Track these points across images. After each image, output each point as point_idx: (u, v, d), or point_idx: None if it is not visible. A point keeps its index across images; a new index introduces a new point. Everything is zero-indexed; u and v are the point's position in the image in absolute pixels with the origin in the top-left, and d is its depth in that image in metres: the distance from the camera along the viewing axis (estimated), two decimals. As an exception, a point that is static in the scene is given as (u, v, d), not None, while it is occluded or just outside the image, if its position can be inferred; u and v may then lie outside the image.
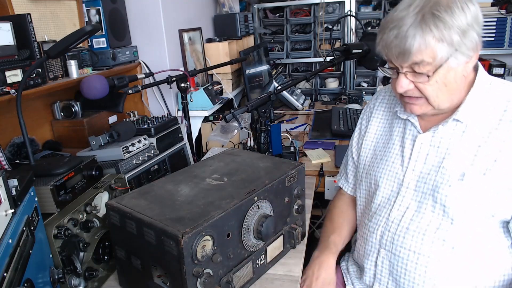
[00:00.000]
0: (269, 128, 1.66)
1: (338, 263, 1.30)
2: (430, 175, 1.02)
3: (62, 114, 1.60)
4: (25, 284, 0.77)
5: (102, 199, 1.13)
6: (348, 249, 1.32)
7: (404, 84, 0.95)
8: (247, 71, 2.38)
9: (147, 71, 1.93)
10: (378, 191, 1.12)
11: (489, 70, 2.89)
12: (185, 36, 2.25)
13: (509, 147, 0.93)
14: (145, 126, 1.56)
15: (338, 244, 1.22)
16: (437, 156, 1.02)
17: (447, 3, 0.88)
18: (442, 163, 1.00)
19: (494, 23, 2.84)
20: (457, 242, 0.99)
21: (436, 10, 0.87)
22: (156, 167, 1.54)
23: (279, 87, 1.70)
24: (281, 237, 1.12)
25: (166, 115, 1.69)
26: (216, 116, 2.22)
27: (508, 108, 0.96)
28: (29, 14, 1.30)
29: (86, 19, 1.73)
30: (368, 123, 1.24)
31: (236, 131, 1.81)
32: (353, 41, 3.12)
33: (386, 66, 1.00)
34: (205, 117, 2.19)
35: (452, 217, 0.97)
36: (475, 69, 1.01)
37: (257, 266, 1.04)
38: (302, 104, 2.79)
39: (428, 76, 0.92)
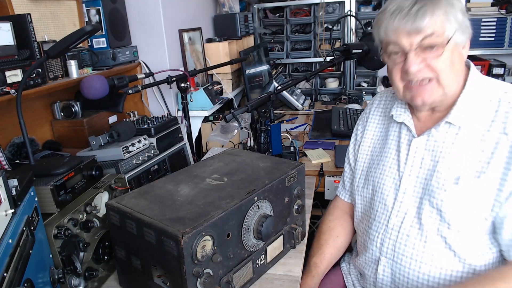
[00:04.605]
0: (269, 128, 1.66)
1: (338, 264, 1.30)
2: (426, 180, 1.00)
3: (62, 114, 1.60)
4: (25, 284, 0.77)
5: (102, 199, 1.13)
6: (348, 250, 1.32)
7: (416, 62, 0.93)
8: (247, 71, 2.38)
9: (147, 71, 1.93)
10: (376, 196, 1.11)
11: (489, 70, 2.89)
12: (185, 36, 2.25)
13: (501, 148, 0.91)
14: (145, 126, 1.56)
15: (319, 265, 1.18)
16: (432, 160, 1.00)
17: None
18: (437, 167, 0.98)
19: (494, 23, 2.83)
20: (458, 249, 0.96)
21: None
22: (156, 167, 1.54)
23: (279, 87, 1.70)
24: (281, 237, 1.12)
25: (166, 115, 1.69)
26: (216, 116, 2.23)
27: (500, 108, 0.94)
28: (29, 14, 1.30)
29: (86, 19, 1.73)
30: (364, 128, 1.22)
31: (236, 131, 1.81)
32: (353, 41, 3.12)
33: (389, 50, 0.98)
34: (205, 117, 2.19)
35: (449, 222, 0.95)
36: (468, 68, 1.01)
37: (257, 266, 1.04)
38: (302, 104, 2.79)
39: (442, 46, 0.92)
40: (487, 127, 0.94)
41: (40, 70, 1.34)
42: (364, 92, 2.87)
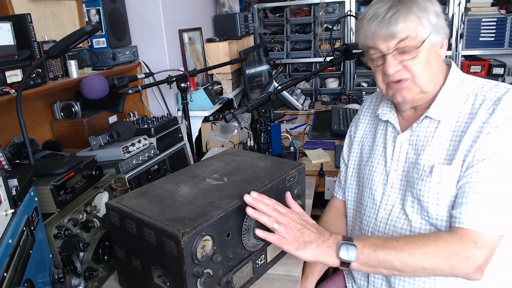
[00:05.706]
0: (269, 128, 1.66)
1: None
2: (409, 173, 1.05)
3: (62, 114, 1.60)
4: (25, 284, 0.77)
5: (102, 199, 1.13)
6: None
7: (393, 64, 0.99)
8: (247, 71, 2.38)
9: (147, 71, 1.93)
10: (365, 192, 1.15)
11: (489, 70, 2.89)
12: (185, 36, 2.25)
13: (469, 134, 0.96)
14: (145, 126, 1.56)
15: (313, 265, 1.18)
16: (414, 154, 1.06)
17: None
18: (418, 159, 1.04)
19: (494, 23, 2.84)
20: None
21: None
22: (156, 167, 1.54)
23: (279, 87, 1.70)
24: (281, 237, 1.12)
25: (166, 115, 1.69)
26: (216, 116, 2.22)
27: (475, 101, 0.99)
28: (29, 14, 1.30)
29: (86, 19, 1.73)
30: (356, 128, 1.28)
31: (236, 131, 1.81)
32: (353, 41, 3.12)
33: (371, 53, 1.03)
34: (205, 117, 2.19)
35: (427, 210, 0.99)
36: (449, 67, 1.06)
37: (257, 266, 1.04)
38: (302, 104, 2.79)
39: (416, 48, 0.96)
40: (464, 119, 0.99)
41: (40, 70, 1.34)
42: (364, 92, 2.87)
